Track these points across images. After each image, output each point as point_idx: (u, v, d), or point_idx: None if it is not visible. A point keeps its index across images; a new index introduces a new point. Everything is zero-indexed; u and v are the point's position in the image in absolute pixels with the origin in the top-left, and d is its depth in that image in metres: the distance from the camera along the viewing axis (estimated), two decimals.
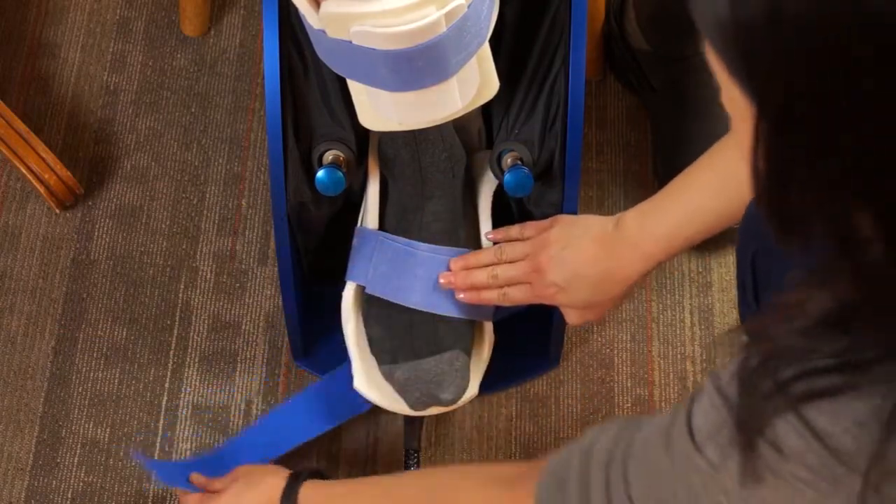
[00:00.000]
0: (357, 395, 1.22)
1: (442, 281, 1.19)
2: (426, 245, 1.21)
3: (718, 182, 1.07)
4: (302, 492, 1.11)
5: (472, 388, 1.21)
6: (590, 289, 1.13)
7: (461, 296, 1.19)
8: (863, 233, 0.57)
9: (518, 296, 1.17)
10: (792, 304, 0.65)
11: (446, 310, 1.20)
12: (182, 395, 1.38)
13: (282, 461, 1.25)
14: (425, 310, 1.20)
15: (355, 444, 1.35)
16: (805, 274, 0.64)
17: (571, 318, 1.18)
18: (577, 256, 1.13)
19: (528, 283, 1.16)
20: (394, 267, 1.21)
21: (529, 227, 1.19)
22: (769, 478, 0.65)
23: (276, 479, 1.13)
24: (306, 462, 1.31)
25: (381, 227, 1.24)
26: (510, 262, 1.17)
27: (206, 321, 1.42)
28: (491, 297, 1.18)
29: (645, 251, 1.11)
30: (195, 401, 1.38)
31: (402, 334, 1.21)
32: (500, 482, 0.96)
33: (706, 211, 1.08)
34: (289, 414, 1.33)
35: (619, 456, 0.77)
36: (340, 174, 1.16)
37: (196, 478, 1.20)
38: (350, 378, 1.22)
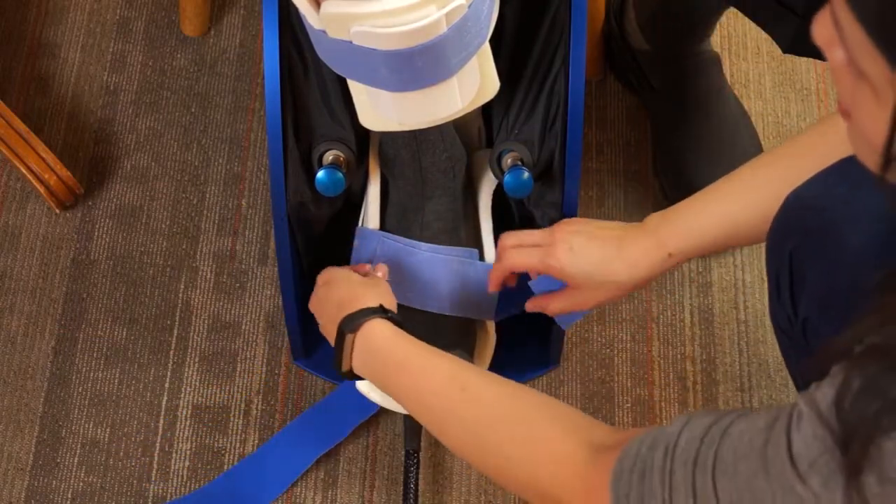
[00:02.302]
0: (364, 399, 1.23)
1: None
2: (427, 245, 1.21)
3: (754, 194, 1.03)
4: (369, 324, 1.07)
5: None
6: (597, 256, 1.08)
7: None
8: None
9: (521, 258, 1.13)
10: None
11: (447, 309, 1.20)
12: (182, 395, 1.38)
13: None
14: (426, 309, 1.20)
15: (355, 445, 1.35)
16: None
17: (576, 297, 1.12)
18: (593, 226, 1.11)
19: (538, 247, 1.12)
20: (395, 267, 1.21)
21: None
22: None
23: (365, 293, 1.11)
24: None
25: (382, 226, 1.24)
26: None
27: (206, 321, 1.42)
28: (498, 263, 1.16)
29: (659, 238, 1.07)
30: (195, 401, 1.38)
31: None
32: (583, 441, 0.88)
33: (732, 218, 1.04)
34: (291, 437, 1.34)
35: (707, 461, 0.74)
36: (340, 174, 1.16)
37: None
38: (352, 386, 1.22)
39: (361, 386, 1.21)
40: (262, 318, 1.42)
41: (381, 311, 1.08)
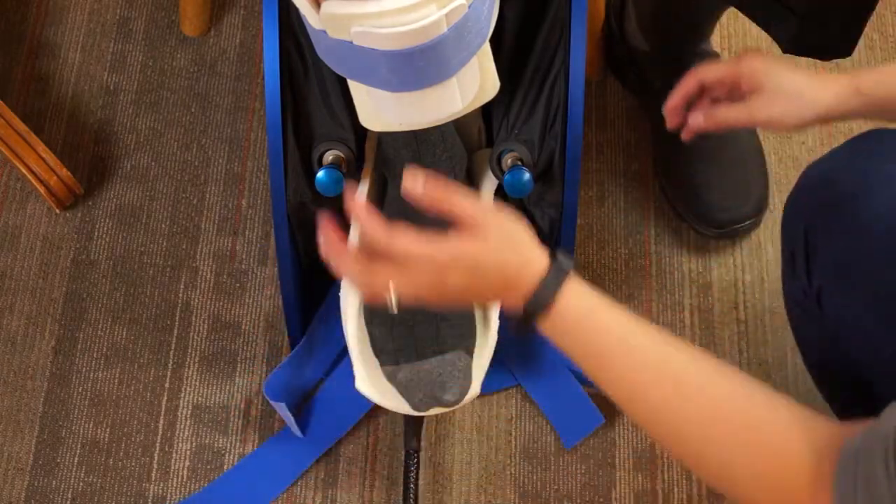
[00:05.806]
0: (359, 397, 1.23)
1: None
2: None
3: None
4: (567, 289, 0.88)
5: (474, 389, 1.21)
6: (785, 69, 1.11)
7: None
8: None
9: (712, 69, 1.18)
10: None
11: None
12: (182, 395, 1.38)
13: None
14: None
15: (355, 444, 1.35)
16: None
17: (752, 105, 1.13)
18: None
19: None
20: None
21: None
22: None
23: (540, 255, 0.89)
24: None
25: None
26: None
27: (206, 321, 1.42)
28: None
29: (853, 73, 1.08)
30: (195, 401, 1.38)
31: (403, 335, 1.21)
32: (810, 448, 0.81)
33: None
34: (291, 436, 1.34)
35: None
36: (340, 174, 1.16)
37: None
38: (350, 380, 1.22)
39: (361, 386, 1.21)
40: (262, 318, 1.42)
41: (559, 271, 0.88)
